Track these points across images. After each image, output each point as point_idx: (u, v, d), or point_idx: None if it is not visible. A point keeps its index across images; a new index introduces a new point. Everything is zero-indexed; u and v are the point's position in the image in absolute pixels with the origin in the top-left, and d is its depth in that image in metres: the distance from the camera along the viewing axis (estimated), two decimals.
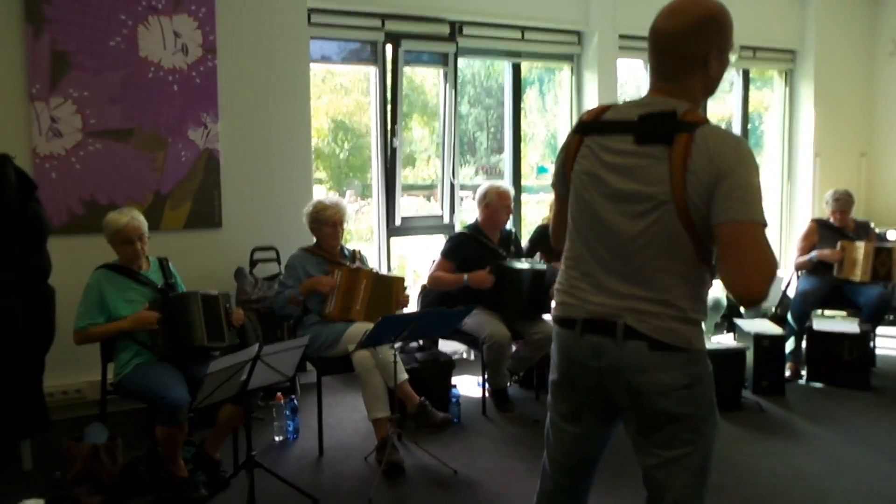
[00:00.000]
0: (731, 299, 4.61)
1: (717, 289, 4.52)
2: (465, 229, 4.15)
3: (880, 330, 4.70)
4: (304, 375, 4.14)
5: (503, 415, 3.80)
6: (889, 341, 5.04)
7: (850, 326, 4.37)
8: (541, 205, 5.37)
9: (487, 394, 3.90)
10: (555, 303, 1.72)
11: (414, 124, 5.39)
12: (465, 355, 4.81)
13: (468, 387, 4.19)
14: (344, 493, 2.97)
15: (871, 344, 4.48)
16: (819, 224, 4.83)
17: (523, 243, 4.32)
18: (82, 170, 3.76)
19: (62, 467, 2.90)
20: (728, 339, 4.59)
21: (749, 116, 6.25)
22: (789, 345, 4.44)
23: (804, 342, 4.48)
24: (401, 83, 4.67)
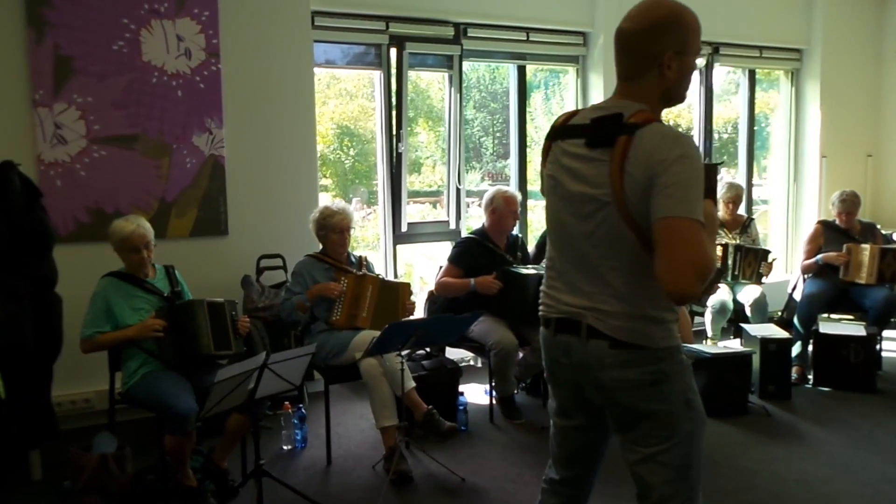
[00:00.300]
0: (738, 303, 4.59)
1: (723, 293, 4.52)
2: (471, 235, 4.13)
3: (887, 333, 4.68)
4: (312, 384, 4.13)
5: (511, 422, 3.80)
6: None
7: (857, 329, 4.35)
8: None
9: (495, 401, 3.90)
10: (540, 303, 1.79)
11: (419, 129, 5.38)
12: (472, 362, 4.80)
13: (475, 394, 4.18)
14: (352, 502, 2.97)
15: (878, 347, 4.47)
16: (825, 226, 4.82)
17: (530, 249, 4.31)
18: (87, 177, 3.75)
19: (71, 477, 2.90)
20: (734, 344, 4.58)
21: (755, 118, 6.22)
22: (795, 348, 4.42)
23: (810, 345, 4.47)
24: (406, 87, 4.65)
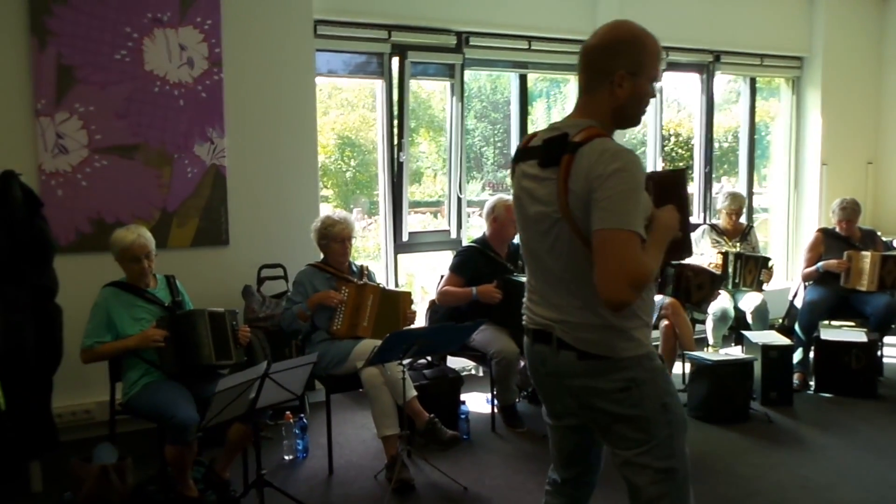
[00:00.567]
0: (739, 311, 4.59)
1: (724, 300, 4.51)
2: (472, 243, 4.13)
3: (888, 339, 4.68)
4: (313, 394, 4.12)
5: (512, 431, 3.79)
6: None
7: (858, 336, 4.36)
8: None
9: (496, 410, 3.89)
10: None
11: (420, 139, 5.39)
12: (473, 371, 4.79)
13: (477, 403, 4.17)
14: None
15: (879, 353, 4.47)
16: (825, 234, 4.82)
17: None
18: (88, 187, 3.75)
19: (72, 488, 2.89)
20: (736, 351, 4.58)
21: (756, 126, 6.22)
22: (797, 355, 4.43)
23: (812, 352, 4.47)
24: (407, 96, 4.66)
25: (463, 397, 3.81)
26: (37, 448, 3.05)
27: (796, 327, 4.58)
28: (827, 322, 4.68)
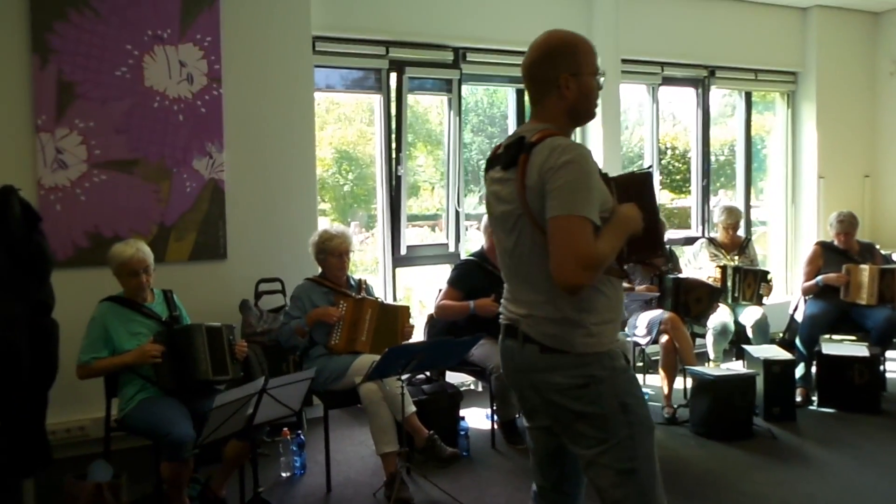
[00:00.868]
0: (739, 325, 4.57)
1: (724, 314, 4.49)
2: (470, 257, 4.12)
3: (890, 353, 4.66)
4: (311, 410, 4.09)
5: (513, 447, 3.75)
6: None
7: (860, 350, 4.33)
8: None
9: (496, 426, 3.85)
10: None
11: (418, 153, 5.40)
12: (472, 386, 4.76)
13: (477, 419, 4.14)
14: None
15: (882, 367, 4.44)
16: (823, 247, 4.82)
17: None
18: (87, 202, 3.75)
19: None
20: (737, 366, 4.55)
21: (752, 140, 6.25)
22: (799, 370, 4.40)
23: (814, 367, 4.44)
24: (405, 111, 4.68)
25: (462, 413, 3.78)
26: (30, 465, 3.00)
27: (797, 341, 4.56)
28: (828, 336, 4.67)
